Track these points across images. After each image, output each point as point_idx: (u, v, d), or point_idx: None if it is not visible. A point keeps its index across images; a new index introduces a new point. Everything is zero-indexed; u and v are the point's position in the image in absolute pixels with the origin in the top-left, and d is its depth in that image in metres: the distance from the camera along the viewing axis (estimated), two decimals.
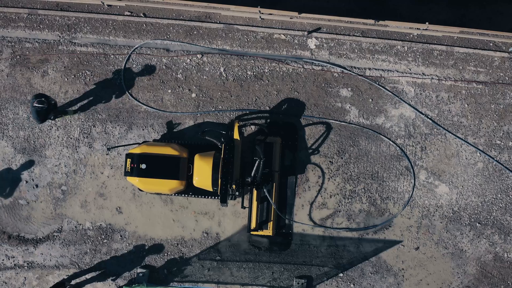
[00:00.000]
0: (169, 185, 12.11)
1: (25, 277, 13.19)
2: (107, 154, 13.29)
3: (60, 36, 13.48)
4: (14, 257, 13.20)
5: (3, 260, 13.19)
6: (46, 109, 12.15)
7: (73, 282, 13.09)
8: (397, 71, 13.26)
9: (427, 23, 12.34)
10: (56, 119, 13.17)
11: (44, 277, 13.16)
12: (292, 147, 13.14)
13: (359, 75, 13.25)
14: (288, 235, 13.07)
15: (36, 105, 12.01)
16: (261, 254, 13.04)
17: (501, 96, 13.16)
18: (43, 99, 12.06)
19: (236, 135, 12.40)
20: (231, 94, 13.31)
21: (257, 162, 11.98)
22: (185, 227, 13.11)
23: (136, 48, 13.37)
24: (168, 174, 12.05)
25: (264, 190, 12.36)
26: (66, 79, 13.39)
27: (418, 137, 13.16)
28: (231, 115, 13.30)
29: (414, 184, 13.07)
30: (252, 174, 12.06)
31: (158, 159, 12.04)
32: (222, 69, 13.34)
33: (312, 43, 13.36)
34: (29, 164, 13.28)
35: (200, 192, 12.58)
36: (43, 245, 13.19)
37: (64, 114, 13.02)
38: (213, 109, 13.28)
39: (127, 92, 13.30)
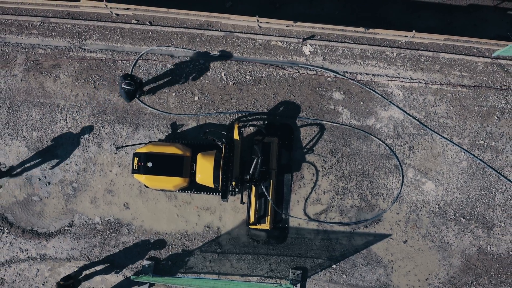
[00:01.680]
0: (174, 182, 12.52)
1: (37, 269, 13.69)
2: (115, 153, 13.77)
3: (71, 43, 13.98)
4: (27, 250, 13.71)
5: (17, 253, 13.71)
6: (134, 89, 12.60)
7: (83, 273, 13.56)
8: (387, 76, 13.75)
9: (413, 31, 12.82)
10: (142, 96, 13.57)
11: (55, 269, 13.67)
12: (288, 147, 13.55)
13: (351, 79, 13.71)
14: (284, 229, 13.47)
15: (124, 86, 12.43)
16: (259, 246, 13.46)
17: (484, 99, 13.67)
18: (131, 81, 12.42)
19: (236, 136, 12.80)
20: (231, 97, 13.79)
21: (255, 160, 12.44)
22: (188, 222, 13.58)
23: (143, 54, 13.82)
24: (172, 172, 12.44)
25: (262, 186, 12.81)
26: (76, 83, 13.90)
27: (406, 137, 13.65)
28: (231, 117, 13.73)
29: (403, 181, 13.54)
30: (251, 172, 12.49)
31: (163, 158, 12.44)
32: (222, 74, 13.80)
33: (307, 49, 13.82)
34: (41, 163, 13.82)
35: (202, 189, 12.98)
36: (55, 239, 13.70)
37: (146, 93, 13.39)
38: (214, 111, 13.73)
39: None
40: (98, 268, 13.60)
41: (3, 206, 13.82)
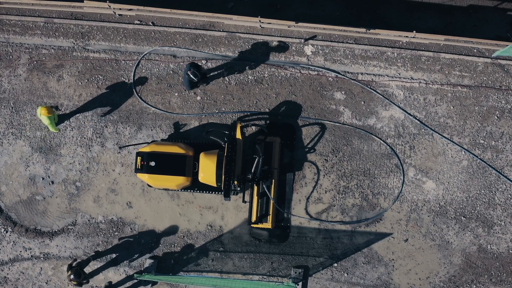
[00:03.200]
0: (176, 181, 12.61)
1: (41, 268, 13.76)
2: (118, 153, 13.85)
3: (74, 43, 14.09)
4: (31, 248, 13.79)
5: (20, 251, 13.79)
6: (197, 80, 12.66)
7: (85, 271, 13.59)
8: (388, 76, 13.86)
9: (414, 31, 12.94)
10: (201, 86, 13.58)
11: (59, 268, 13.74)
12: (290, 146, 13.64)
13: (352, 79, 13.82)
14: (286, 228, 13.54)
15: (190, 75, 12.48)
16: (261, 245, 13.54)
17: (484, 99, 13.79)
18: (197, 71, 12.46)
19: (238, 135, 12.89)
20: (233, 97, 13.89)
21: (256, 159, 12.53)
22: (191, 221, 13.66)
23: (145, 54, 13.93)
24: (175, 171, 12.53)
25: (263, 185, 12.89)
26: (80, 83, 14.00)
27: (407, 136, 13.75)
28: (234, 117, 13.82)
29: (403, 180, 13.63)
30: (252, 171, 12.58)
31: (166, 157, 12.53)
32: (225, 74, 13.91)
33: (308, 49, 13.93)
34: (45, 162, 13.90)
35: (205, 188, 13.05)
36: (58, 238, 13.78)
37: (206, 83, 13.33)
38: (216, 111, 13.82)
39: (137, 95, 13.87)
40: (100, 266, 13.66)
41: (6, 205, 13.91)
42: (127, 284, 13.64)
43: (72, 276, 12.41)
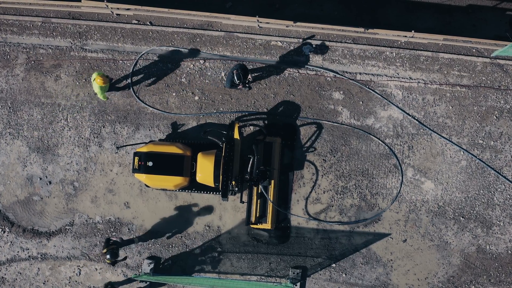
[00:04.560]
0: (174, 181, 12.60)
1: (38, 268, 13.75)
2: (116, 153, 13.83)
3: (72, 43, 14.06)
4: (28, 249, 13.78)
5: (18, 252, 13.78)
6: (238, 83, 12.73)
7: (82, 272, 13.62)
8: (386, 76, 13.83)
9: (412, 31, 12.91)
10: (240, 89, 13.61)
11: (56, 268, 13.72)
12: (290, 146, 13.59)
13: (351, 79, 13.79)
14: (286, 229, 13.49)
15: (234, 75, 12.52)
16: (259, 245, 13.51)
17: (483, 99, 13.76)
18: (241, 75, 12.51)
19: (236, 135, 12.85)
20: (231, 97, 13.86)
21: (251, 159, 12.49)
22: (189, 221, 13.61)
23: (143, 54, 13.90)
24: (173, 171, 12.51)
25: (260, 186, 12.81)
26: (77, 83, 13.97)
27: (405, 137, 13.72)
28: (232, 117, 13.80)
29: (402, 180, 13.61)
30: (248, 171, 12.53)
31: (164, 157, 12.50)
32: (223, 74, 13.82)
33: (306, 49, 13.94)
34: (42, 162, 13.87)
35: (203, 188, 13.04)
36: (56, 238, 13.76)
37: (247, 88, 13.43)
38: (214, 111, 13.80)
39: (134, 95, 13.85)
40: (98, 267, 13.65)
41: (4, 206, 13.90)
42: (125, 285, 13.57)
43: (108, 256, 12.33)
